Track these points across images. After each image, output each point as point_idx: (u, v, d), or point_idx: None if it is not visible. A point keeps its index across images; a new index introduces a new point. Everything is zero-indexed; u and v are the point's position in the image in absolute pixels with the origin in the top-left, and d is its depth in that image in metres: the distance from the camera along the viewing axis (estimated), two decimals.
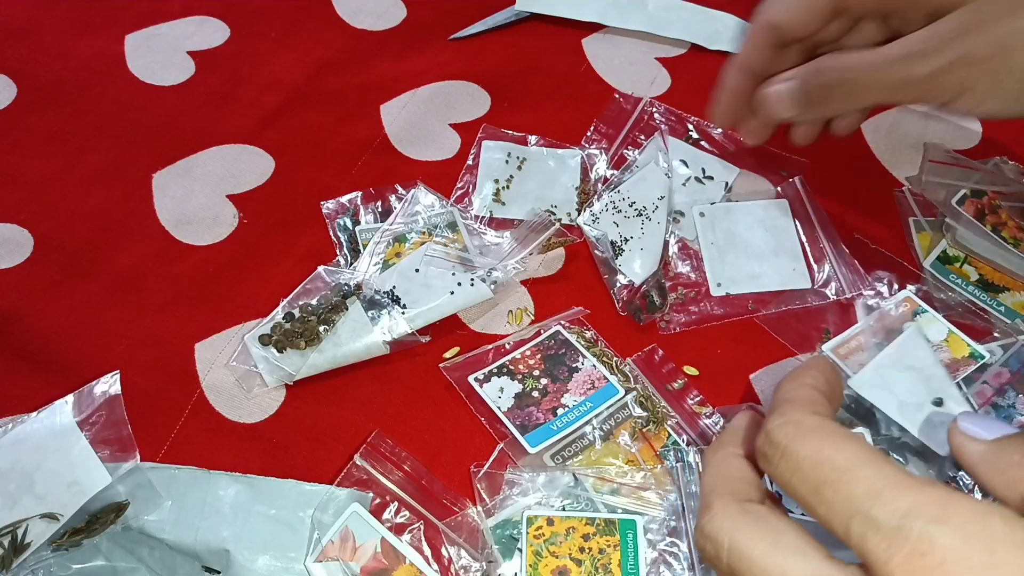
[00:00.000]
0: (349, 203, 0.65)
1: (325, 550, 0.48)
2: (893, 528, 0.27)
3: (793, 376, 0.37)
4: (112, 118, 0.71)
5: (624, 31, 0.77)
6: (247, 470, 0.52)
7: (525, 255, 0.59)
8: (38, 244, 0.63)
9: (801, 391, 0.35)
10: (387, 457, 0.52)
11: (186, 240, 0.64)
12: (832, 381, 0.36)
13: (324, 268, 0.60)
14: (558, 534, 0.48)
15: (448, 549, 0.49)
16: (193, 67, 0.75)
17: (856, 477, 0.29)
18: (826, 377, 0.36)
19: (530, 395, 0.54)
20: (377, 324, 0.56)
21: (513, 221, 0.63)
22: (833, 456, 0.30)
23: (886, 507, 0.28)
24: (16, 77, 0.74)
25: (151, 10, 0.79)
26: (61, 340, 0.58)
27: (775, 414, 0.33)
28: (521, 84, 0.74)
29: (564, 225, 0.62)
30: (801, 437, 0.31)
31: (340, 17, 0.79)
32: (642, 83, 0.74)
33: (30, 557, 0.47)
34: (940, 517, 0.27)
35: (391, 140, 0.70)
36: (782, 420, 0.32)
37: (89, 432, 0.51)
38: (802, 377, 0.36)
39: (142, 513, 0.49)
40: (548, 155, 0.67)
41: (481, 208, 0.64)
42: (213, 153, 0.69)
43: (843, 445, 0.30)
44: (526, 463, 0.52)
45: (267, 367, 0.55)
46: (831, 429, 0.31)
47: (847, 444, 0.30)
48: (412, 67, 0.75)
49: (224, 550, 0.48)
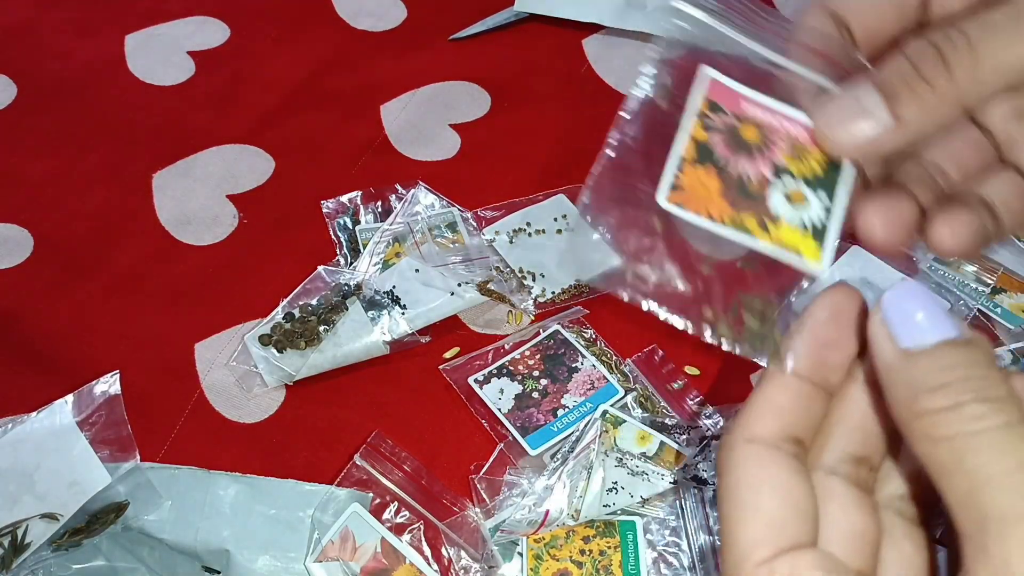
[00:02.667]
0: (349, 203, 0.65)
1: (325, 550, 0.48)
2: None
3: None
4: (112, 118, 0.71)
5: (624, 32, 0.77)
6: (247, 470, 0.52)
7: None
8: (38, 244, 0.63)
9: (757, 392, 0.25)
10: (387, 457, 0.52)
11: (186, 240, 0.64)
12: (827, 342, 0.26)
13: (324, 268, 0.60)
14: (558, 537, 0.48)
15: (448, 549, 0.49)
16: (193, 67, 0.75)
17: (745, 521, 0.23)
18: (813, 344, 0.25)
19: (530, 396, 0.54)
20: (377, 324, 0.56)
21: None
22: (737, 493, 0.24)
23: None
24: (16, 77, 0.74)
25: (151, 10, 0.79)
26: (61, 340, 0.58)
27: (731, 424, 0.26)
28: (521, 84, 0.74)
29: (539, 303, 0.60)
30: (725, 463, 0.25)
31: (340, 17, 0.79)
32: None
33: (30, 557, 0.47)
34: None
35: (391, 140, 0.70)
36: (722, 440, 0.26)
37: (89, 432, 0.51)
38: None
39: (142, 513, 0.49)
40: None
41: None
42: (213, 153, 0.69)
43: (752, 481, 0.24)
44: (526, 464, 0.52)
45: (267, 367, 0.55)
46: (756, 458, 0.24)
47: (757, 479, 0.24)
48: (412, 67, 0.75)
49: (224, 550, 0.48)
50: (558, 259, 0.61)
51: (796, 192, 0.26)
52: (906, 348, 0.22)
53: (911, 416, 0.22)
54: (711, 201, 0.25)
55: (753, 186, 0.26)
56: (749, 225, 0.25)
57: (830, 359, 0.25)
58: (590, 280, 0.57)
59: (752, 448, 0.24)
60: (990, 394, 0.21)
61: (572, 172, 0.67)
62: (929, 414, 0.21)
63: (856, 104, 0.27)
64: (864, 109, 0.27)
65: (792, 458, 0.24)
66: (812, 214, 0.26)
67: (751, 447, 0.24)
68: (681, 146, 0.26)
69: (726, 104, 0.27)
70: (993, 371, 0.22)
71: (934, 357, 0.22)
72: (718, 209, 0.25)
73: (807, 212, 0.26)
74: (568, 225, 0.63)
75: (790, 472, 0.23)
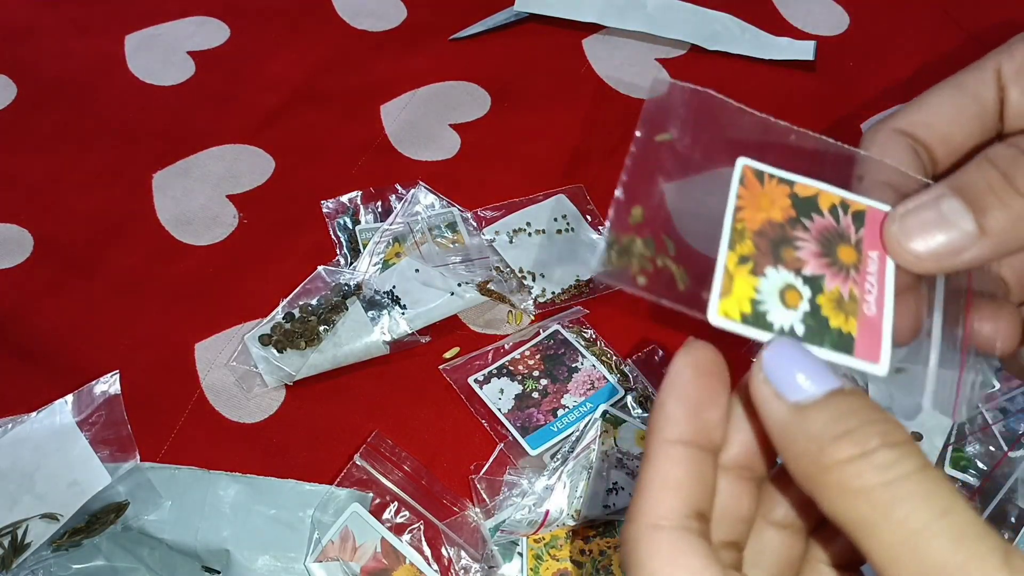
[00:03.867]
0: (349, 203, 0.65)
1: (325, 550, 0.48)
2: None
3: (649, 427, 0.24)
4: (112, 118, 0.71)
5: (624, 32, 0.77)
6: (247, 470, 0.52)
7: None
8: (38, 244, 0.63)
9: (649, 470, 0.23)
10: (387, 457, 0.52)
11: (186, 240, 0.64)
12: (702, 402, 0.24)
13: (324, 268, 0.60)
14: (558, 537, 0.48)
15: (448, 549, 0.49)
16: (193, 67, 0.75)
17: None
18: (689, 407, 0.23)
19: (530, 396, 0.54)
20: (377, 324, 0.56)
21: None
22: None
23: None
24: (16, 77, 0.74)
25: (151, 10, 0.79)
26: (61, 340, 0.58)
27: (627, 511, 0.24)
28: (521, 85, 0.74)
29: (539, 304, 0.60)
30: (632, 557, 0.23)
31: (340, 17, 0.79)
32: (642, 84, 0.74)
33: (30, 557, 0.47)
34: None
35: (391, 140, 0.70)
36: (623, 530, 0.24)
37: (89, 432, 0.51)
38: (656, 431, 0.23)
39: (142, 513, 0.49)
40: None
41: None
42: (213, 153, 0.69)
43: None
44: (526, 464, 0.52)
45: (267, 367, 0.55)
46: (665, 547, 0.22)
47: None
48: (412, 67, 0.75)
49: (224, 550, 0.48)
50: (558, 259, 0.61)
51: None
52: (796, 401, 0.22)
53: (818, 470, 0.21)
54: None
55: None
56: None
57: (708, 418, 0.23)
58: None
59: (658, 536, 0.22)
60: (895, 439, 0.21)
61: (572, 172, 0.67)
62: (839, 465, 0.20)
63: (937, 214, 0.24)
64: (946, 219, 0.24)
65: (700, 539, 0.22)
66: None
67: (657, 535, 0.22)
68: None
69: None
70: (887, 415, 0.21)
71: (828, 407, 0.21)
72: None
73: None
74: (568, 225, 0.63)
75: (702, 558, 0.22)
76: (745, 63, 0.75)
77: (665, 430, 0.23)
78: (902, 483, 0.20)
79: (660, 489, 0.23)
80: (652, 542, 0.22)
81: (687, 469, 0.23)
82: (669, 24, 0.76)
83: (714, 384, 0.24)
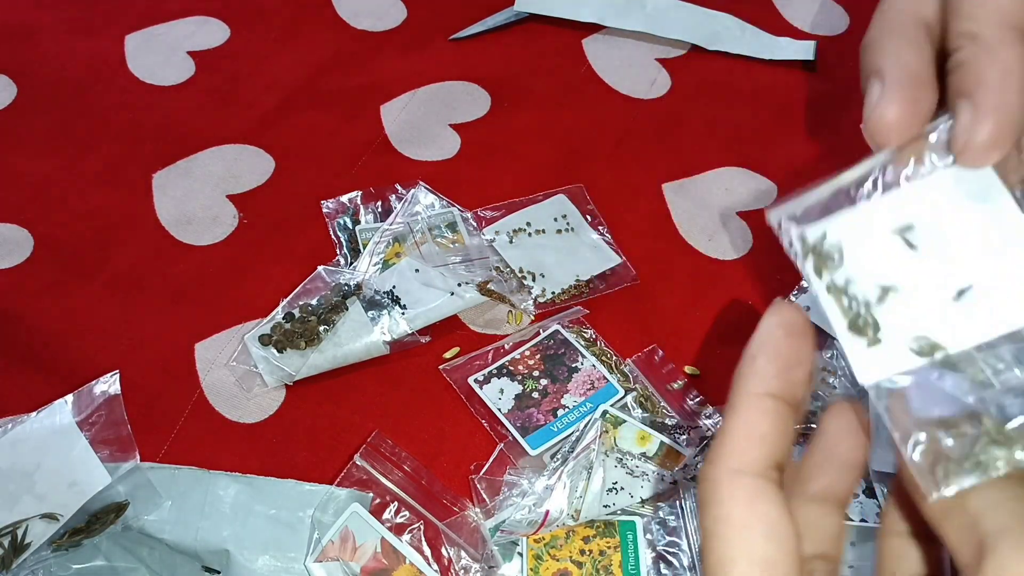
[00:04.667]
0: (349, 203, 0.65)
1: (325, 550, 0.48)
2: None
3: (737, 379, 0.25)
4: (112, 118, 0.71)
5: (624, 32, 0.77)
6: (247, 470, 0.52)
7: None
8: (38, 244, 0.63)
9: (736, 419, 0.25)
10: (387, 457, 0.52)
11: (186, 240, 0.64)
12: (791, 360, 0.25)
13: (324, 268, 0.60)
14: (558, 537, 0.48)
15: (448, 549, 0.49)
16: (193, 67, 0.75)
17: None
18: (780, 364, 0.25)
19: (530, 396, 0.54)
20: (377, 324, 0.56)
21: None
22: (727, 532, 0.23)
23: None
24: (16, 77, 0.74)
25: (151, 10, 0.79)
26: (61, 340, 0.58)
27: (708, 454, 0.25)
28: (521, 85, 0.74)
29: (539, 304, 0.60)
30: (711, 498, 0.24)
31: (340, 18, 0.79)
32: (642, 84, 0.74)
33: (30, 557, 0.47)
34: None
35: (391, 140, 0.70)
36: (703, 471, 0.25)
37: (89, 432, 0.51)
38: (745, 383, 0.25)
39: (142, 513, 0.49)
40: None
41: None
42: (213, 153, 0.69)
43: (743, 520, 0.23)
44: (526, 464, 0.52)
45: (267, 367, 0.55)
46: (744, 493, 0.23)
47: (748, 518, 0.23)
48: (412, 67, 0.75)
49: (224, 550, 0.48)
50: (558, 259, 0.61)
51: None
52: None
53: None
54: None
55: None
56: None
57: (795, 376, 0.25)
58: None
59: (740, 481, 0.23)
60: None
61: (572, 172, 0.67)
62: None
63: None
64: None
65: (778, 489, 0.23)
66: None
67: (739, 480, 0.23)
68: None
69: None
70: None
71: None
72: None
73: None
74: (568, 225, 0.63)
75: (779, 508, 0.23)
76: (745, 63, 0.75)
77: (754, 383, 0.25)
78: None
79: (746, 438, 0.24)
80: (733, 486, 0.23)
81: (773, 422, 0.24)
82: (669, 24, 0.76)
83: (802, 344, 0.25)
